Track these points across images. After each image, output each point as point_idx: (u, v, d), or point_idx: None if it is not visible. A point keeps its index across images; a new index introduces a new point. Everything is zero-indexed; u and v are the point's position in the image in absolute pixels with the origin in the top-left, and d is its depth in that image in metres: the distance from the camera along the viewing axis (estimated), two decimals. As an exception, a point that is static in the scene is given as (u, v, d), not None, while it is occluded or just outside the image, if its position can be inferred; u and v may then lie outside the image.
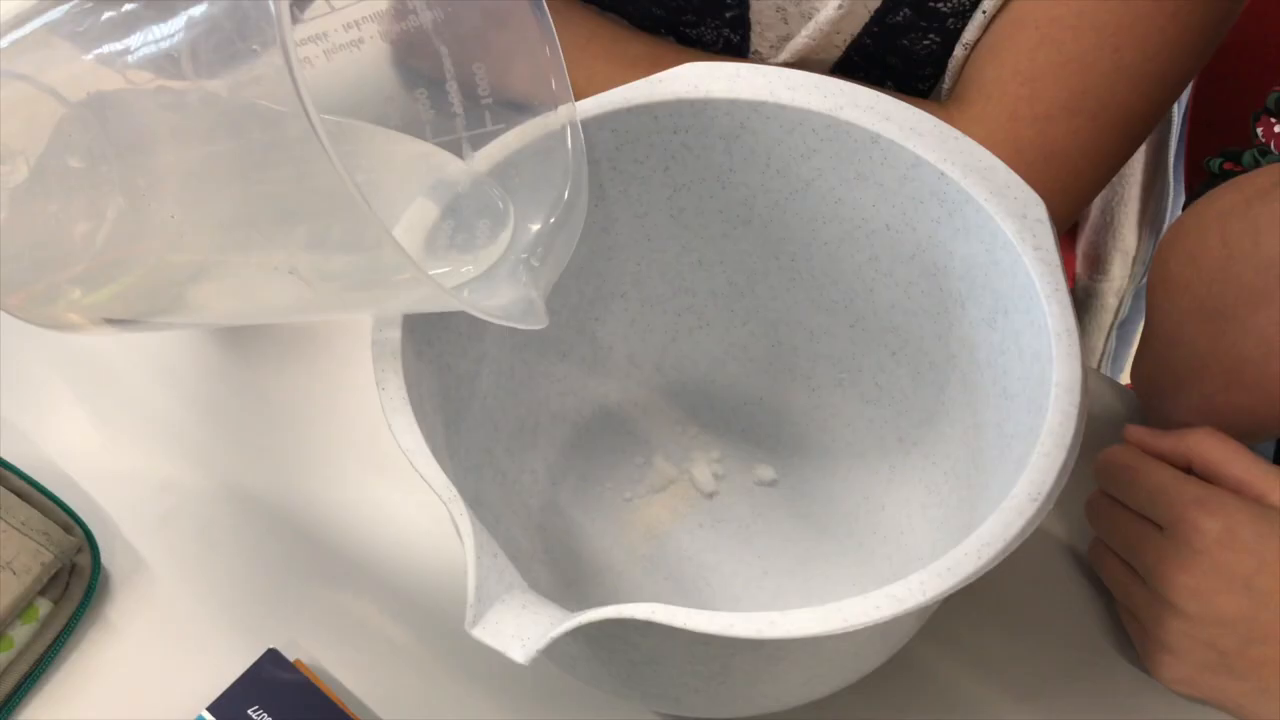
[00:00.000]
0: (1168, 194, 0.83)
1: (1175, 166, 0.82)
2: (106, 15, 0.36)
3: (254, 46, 0.32)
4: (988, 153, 0.43)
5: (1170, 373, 0.51)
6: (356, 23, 0.43)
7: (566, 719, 0.48)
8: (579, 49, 0.62)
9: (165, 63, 0.34)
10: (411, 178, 0.43)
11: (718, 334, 0.53)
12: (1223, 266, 0.46)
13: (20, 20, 0.38)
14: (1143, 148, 0.82)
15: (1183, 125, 0.81)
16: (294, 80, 0.29)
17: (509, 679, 0.49)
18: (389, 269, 0.33)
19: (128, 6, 0.36)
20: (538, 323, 0.40)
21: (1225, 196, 0.47)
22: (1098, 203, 0.86)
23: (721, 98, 0.44)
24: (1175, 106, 0.80)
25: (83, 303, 0.40)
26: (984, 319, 0.44)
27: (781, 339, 0.53)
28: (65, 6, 0.37)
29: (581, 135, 0.43)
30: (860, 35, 0.59)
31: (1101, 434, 0.56)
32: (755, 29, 0.61)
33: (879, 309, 0.49)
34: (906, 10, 0.57)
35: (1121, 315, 0.88)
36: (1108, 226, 0.86)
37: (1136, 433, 0.50)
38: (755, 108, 0.44)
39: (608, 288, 0.51)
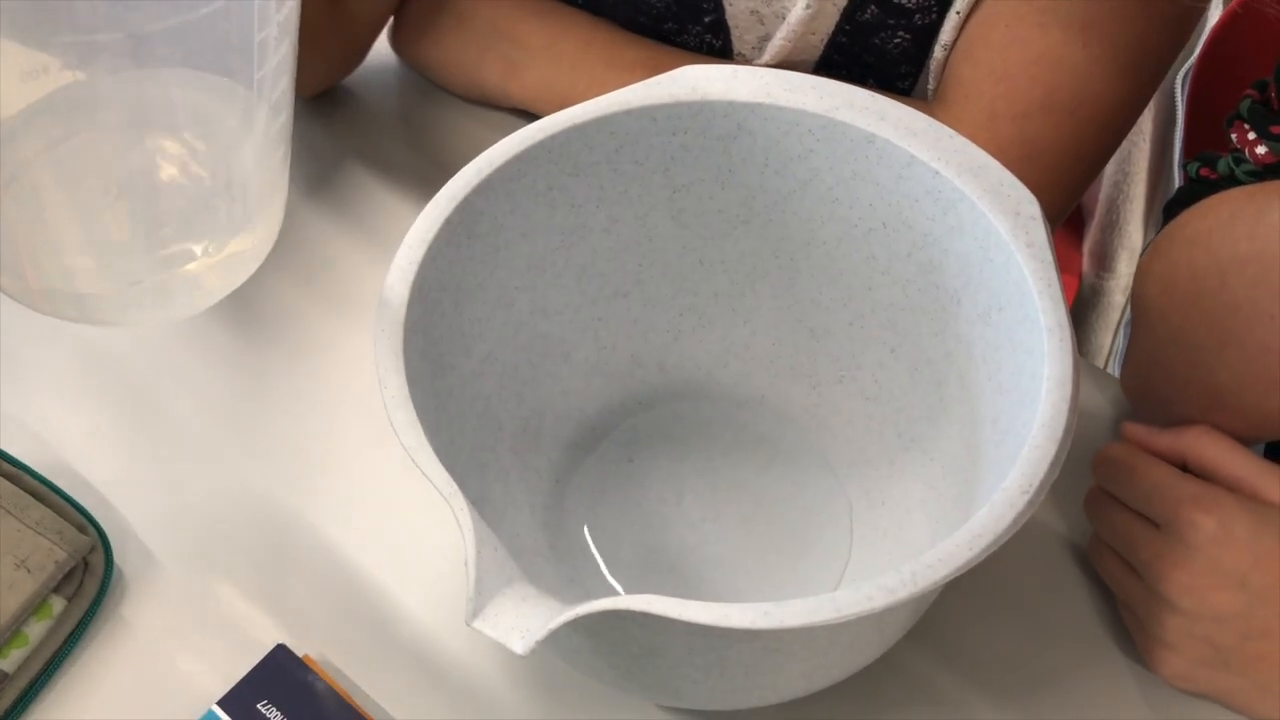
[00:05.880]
0: (1173, 191, 0.83)
1: (1180, 164, 0.82)
2: None
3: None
4: (982, 151, 0.43)
5: (1153, 390, 0.52)
6: None
7: (569, 712, 0.49)
8: (578, 53, 0.62)
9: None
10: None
11: (719, 333, 0.54)
12: (1194, 301, 0.47)
13: None
14: (1147, 145, 0.83)
15: (1185, 122, 0.82)
16: None
17: (516, 673, 0.49)
18: None
19: None
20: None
21: (1192, 224, 0.48)
22: (1103, 201, 0.87)
23: (719, 99, 0.45)
24: (1179, 103, 0.81)
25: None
26: (979, 315, 0.44)
27: (782, 337, 0.53)
28: None
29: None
30: (835, 34, 0.60)
31: (1100, 430, 0.56)
32: (734, 32, 0.62)
33: (877, 307, 0.49)
34: (873, 7, 0.58)
35: (1129, 313, 0.88)
36: (1114, 224, 0.87)
37: (1134, 430, 0.50)
38: (752, 109, 0.45)
39: (610, 288, 0.51)
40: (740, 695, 0.43)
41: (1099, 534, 0.50)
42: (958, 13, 0.57)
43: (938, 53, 0.59)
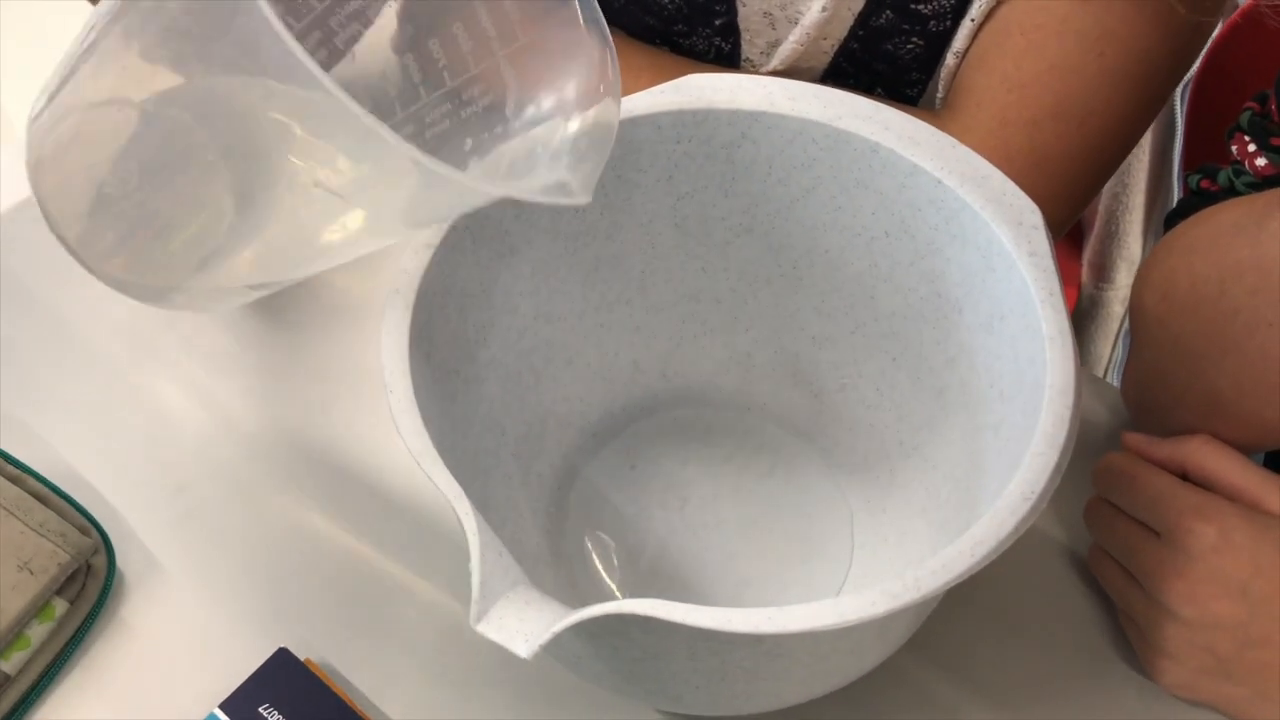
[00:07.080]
0: (1172, 202, 0.83)
1: (1179, 175, 0.83)
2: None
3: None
4: (984, 161, 0.43)
5: (1153, 399, 0.52)
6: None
7: (571, 717, 0.49)
8: None
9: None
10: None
11: (721, 340, 0.54)
12: (1192, 308, 0.47)
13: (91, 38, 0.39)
14: (1146, 156, 0.83)
15: (1185, 134, 0.82)
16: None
17: (517, 678, 0.50)
18: (400, 168, 0.35)
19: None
20: (577, 199, 0.39)
21: (1191, 232, 0.48)
22: (1103, 212, 0.87)
23: (723, 108, 0.45)
24: (1179, 114, 0.81)
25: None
26: (981, 324, 0.44)
27: (784, 345, 0.53)
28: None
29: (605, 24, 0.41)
30: (847, 40, 0.60)
31: (1100, 439, 0.56)
32: (745, 36, 0.62)
33: (879, 315, 0.49)
34: (888, 12, 0.58)
35: (1128, 323, 0.88)
36: (1113, 235, 0.87)
37: (1134, 439, 0.50)
38: (756, 118, 0.45)
39: (613, 294, 0.51)
40: (741, 701, 0.43)
41: (1099, 543, 0.50)
42: (972, 20, 0.57)
43: (949, 60, 0.59)
